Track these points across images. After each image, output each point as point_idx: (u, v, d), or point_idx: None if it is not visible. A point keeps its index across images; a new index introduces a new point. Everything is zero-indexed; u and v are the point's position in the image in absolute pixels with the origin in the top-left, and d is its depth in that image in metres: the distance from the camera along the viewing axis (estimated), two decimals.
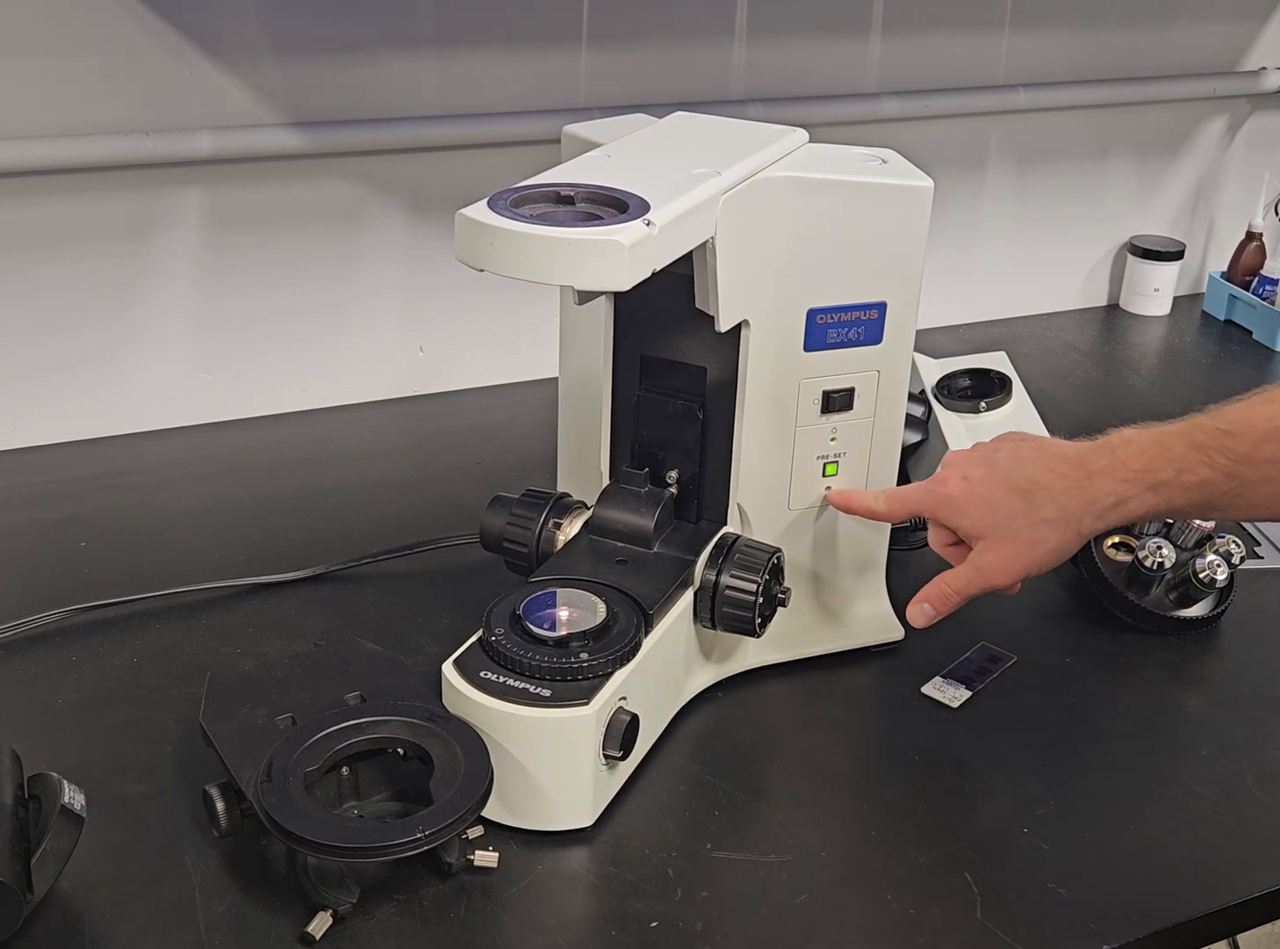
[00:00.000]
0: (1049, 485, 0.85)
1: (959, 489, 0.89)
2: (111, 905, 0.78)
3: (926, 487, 0.92)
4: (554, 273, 0.77)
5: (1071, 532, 0.85)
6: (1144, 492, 0.83)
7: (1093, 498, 0.84)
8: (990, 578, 0.88)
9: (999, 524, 0.86)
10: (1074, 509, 0.84)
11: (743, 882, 0.82)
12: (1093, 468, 0.85)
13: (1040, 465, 0.87)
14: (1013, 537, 0.86)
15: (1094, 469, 0.84)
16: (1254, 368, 1.62)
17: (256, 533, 1.17)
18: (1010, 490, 0.87)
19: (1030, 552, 0.86)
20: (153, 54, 1.22)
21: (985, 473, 0.89)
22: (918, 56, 1.54)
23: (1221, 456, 0.80)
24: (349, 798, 0.83)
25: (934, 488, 0.91)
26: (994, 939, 0.78)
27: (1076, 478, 0.85)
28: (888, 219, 0.92)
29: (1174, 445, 0.83)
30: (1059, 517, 0.85)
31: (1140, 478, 0.83)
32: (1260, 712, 0.99)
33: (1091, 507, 0.84)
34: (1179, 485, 0.82)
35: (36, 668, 0.98)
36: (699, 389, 0.96)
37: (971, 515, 0.88)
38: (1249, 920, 0.85)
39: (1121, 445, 0.85)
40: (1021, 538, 0.86)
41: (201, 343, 1.35)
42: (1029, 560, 0.86)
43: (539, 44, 1.36)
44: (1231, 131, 1.77)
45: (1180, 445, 0.83)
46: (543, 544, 0.98)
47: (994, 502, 0.87)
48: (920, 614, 0.91)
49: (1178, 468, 0.82)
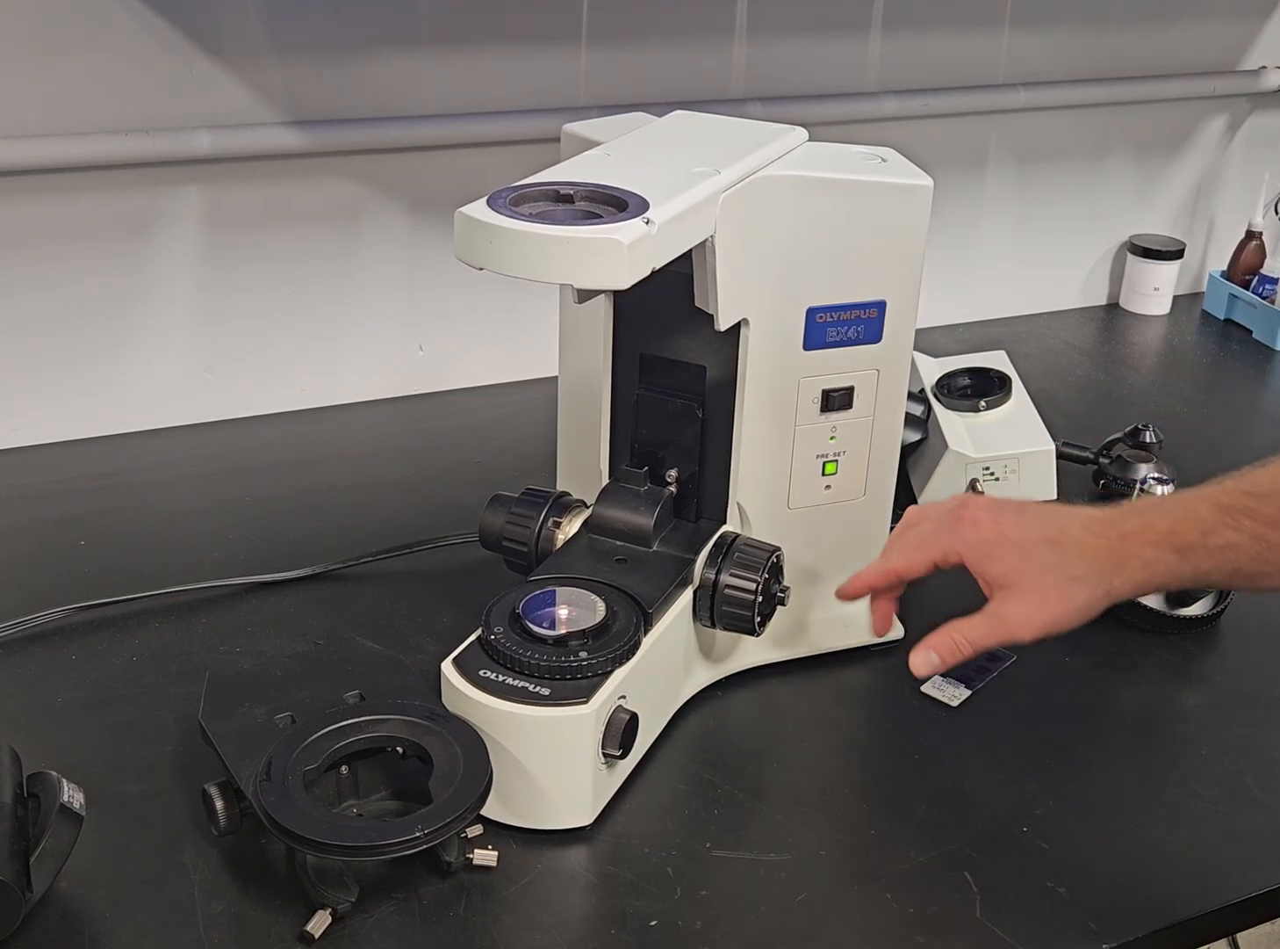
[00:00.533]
0: (1082, 541, 0.81)
1: (991, 532, 0.84)
2: (110, 904, 0.78)
3: (952, 528, 0.86)
4: (553, 271, 0.77)
5: (1101, 591, 0.81)
6: (1170, 554, 0.79)
7: (1124, 559, 0.80)
8: (1013, 630, 0.82)
9: (1030, 574, 0.81)
10: (1106, 569, 0.80)
11: (742, 880, 0.82)
12: (1124, 529, 0.81)
13: (1074, 521, 0.83)
14: (1042, 588, 0.81)
15: (1125, 531, 0.81)
16: (1254, 367, 1.62)
17: (256, 532, 1.17)
18: (1045, 541, 0.82)
19: (1058, 606, 0.81)
20: (153, 53, 1.22)
21: (1018, 519, 0.84)
22: (917, 55, 1.54)
23: (1248, 519, 0.77)
24: (348, 797, 0.83)
25: (964, 530, 0.85)
26: (993, 938, 0.78)
27: (1109, 538, 0.81)
28: (887, 218, 0.92)
29: (1199, 508, 0.79)
30: (1091, 574, 0.80)
31: (1167, 540, 0.79)
32: (1260, 711, 0.99)
33: (1123, 568, 0.80)
34: (1205, 549, 0.78)
35: (36, 667, 0.98)
36: (698, 388, 0.96)
37: (1004, 561, 0.82)
38: (1248, 919, 0.85)
39: (1149, 509, 0.82)
40: (1051, 591, 0.81)
41: (201, 342, 1.35)
42: (1055, 616, 0.81)
43: (539, 43, 1.36)
44: (1231, 130, 1.77)
45: (1206, 508, 0.79)
46: (542, 543, 0.98)
47: (1027, 549, 0.82)
48: (925, 663, 0.84)
49: (1203, 530, 0.78)
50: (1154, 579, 0.80)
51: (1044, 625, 0.81)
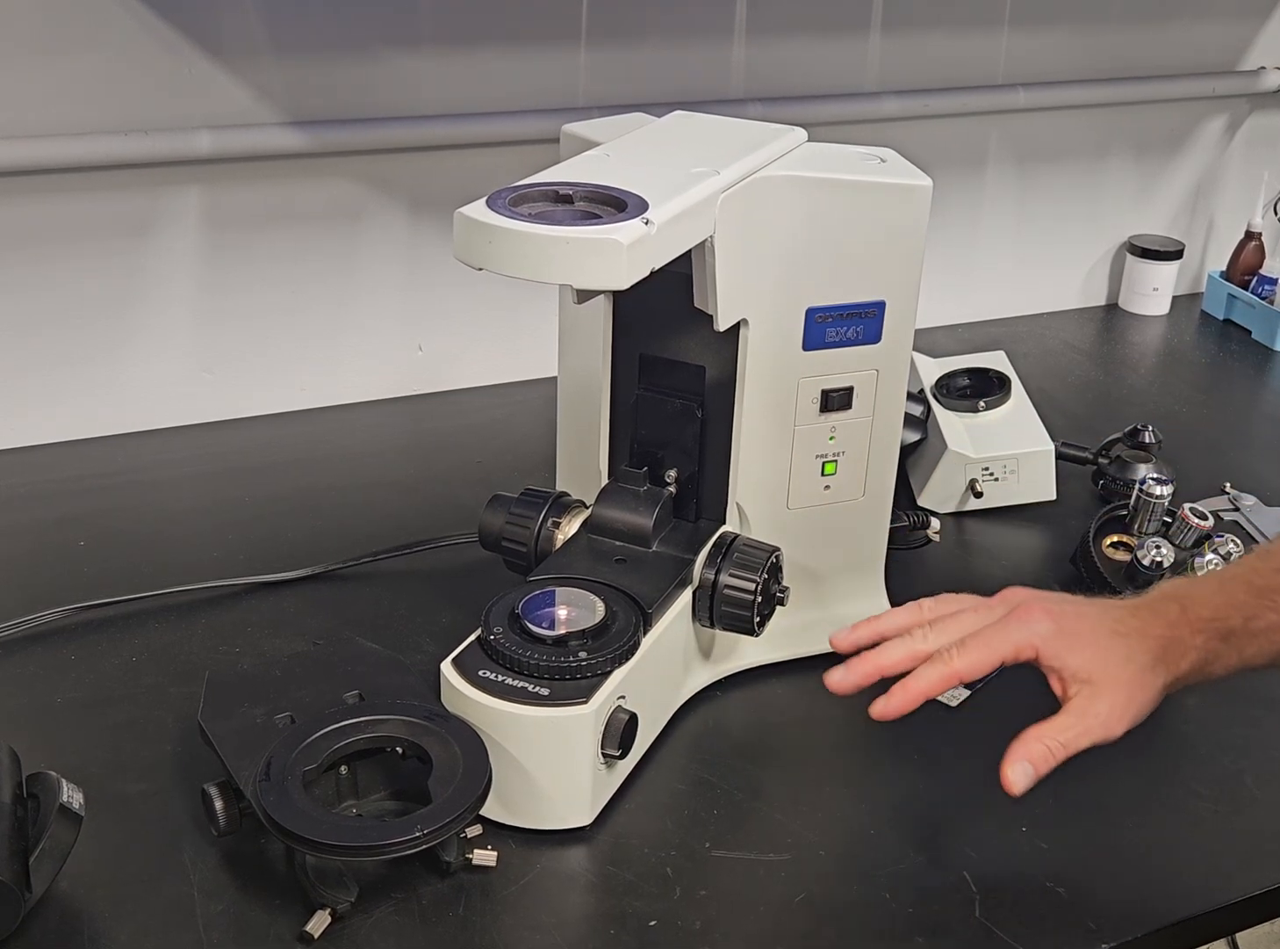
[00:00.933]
0: (1140, 632, 0.78)
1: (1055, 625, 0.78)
2: (110, 904, 0.78)
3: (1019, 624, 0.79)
4: (552, 272, 0.77)
5: (1171, 679, 0.78)
6: (1216, 641, 0.78)
7: (1181, 649, 0.78)
8: (1110, 728, 0.77)
9: (1111, 667, 0.77)
10: (1169, 657, 0.78)
11: (741, 880, 0.82)
12: (1169, 618, 0.79)
13: (1122, 612, 0.80)
14: (1127, 682, 0.77)
15: (1170, 619, 0.79)
16: (1253, 367, 1.62)
17: (256, 532, 1.17)
18: (1112, 633, 0.78)
19: (1142, 698, 0.77)
20: (152, 53, 1.22)
21: (1075, 611, 0.80)
22: (917, 56, 1.54)
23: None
24: (347, 797, 0.83)
25: (1032, 623, 0.79)
26: (993, 938, 0.78)
27: (1160, 627, 0.79)
28: (887, 218, 0.92)
29: (1236, 592, 0.78)
30: (1160, 664, 0.78)
31: (1211, 627, 0.78)
32: (1259, 711, 0.99)
33: (1183, 657, 0.78)
34: (1248, 633, 0.77)
35: (35, 667, 0.98)
36: (698, 388, 0.96)
37: (1082, 655, 0.77)
38: (1247, 919, 0.85)
39: (1185, 596, 0.80)
40: (1135, 683, 0.77)
41: (201, 342, 1.35)
42: (1141, 708, 0.77)
43: (538, 43, 1.36)
44: (1231, 131, 1.77)
45: (1243, 592, 0.78)
46: (541, 543, 0.98)
47: (1099, 642, 0.78)
48: (1023, 777, 0.77)
49: (1245, 615, 0.77)
50: (1205, 667, 0.78)
51: (1134, 719, 0.78)
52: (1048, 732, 0.76)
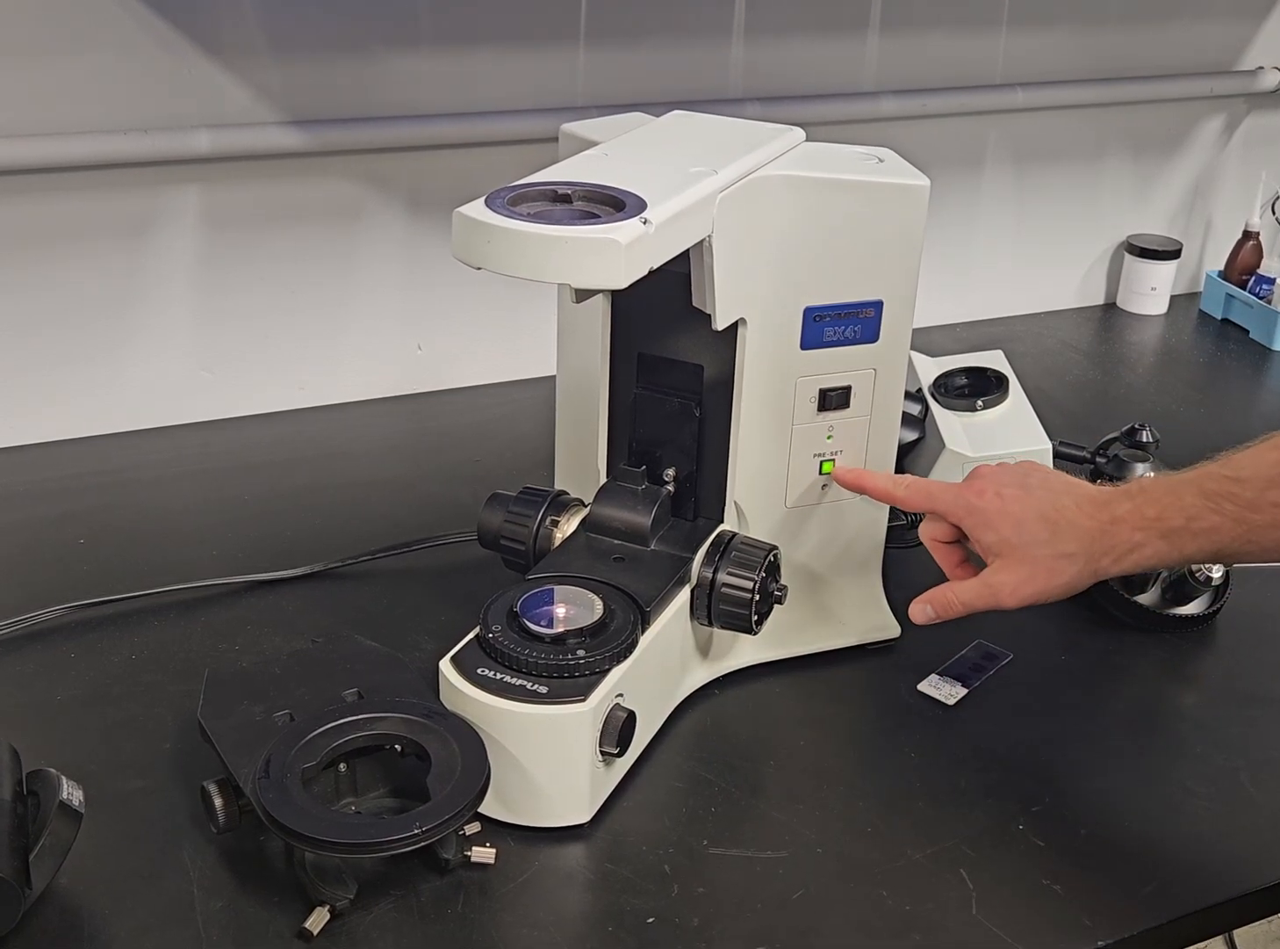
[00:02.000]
0: (1076, 522, 0.86)
1: (993, 504, 0.89)
2: (110, 901, 0.78)
3: (958, 491, 0.92)
4: (551, 271, 0.77)
5: (1088, 570, 0.86)
6: (1157, 539, 0.84)
7: (1113, 542, 0.85)
8: (1000, 597, 0.88)
9: (1022, 547, 0.87)
10: (1095, 549, 0.85)
11: (739, 878, 0.82)
12: (1116, 513, 0.85)
13: (1070, 501, 0.87)
14: (1032, 561, 0.86)
15: (1117, 514, 0.85)
16: (1250, 366, 1.63)
17: (255, 530, 1.17)
18: (1040, 518, 0.87)
19: (1045, 580, 0.86)
20: (151, 52, 1.22)
21: (1019, 494, 0.89)
22: (915, 55, 1.55)
23: (1229, 503, 0.81)
24: (346, 794, 0.83)
25: (967, 496, 0.91)
26: (989, 935, 0.78)
27: (1101, 520, 0.85)
28: (885, 218, 0.93)
29: (1185, 494, 0.83)
30: (1080, 553, 0.85)
31: (1154, 525, 0.84)
32: (1255, 710, 0.99)
33: (1111, 550, 0.85)
34: (1189, 532, 0.83)
35: (35, 665, 0.99)
36: (696, 387, 0.96)
37: (999, 532, 0.88)
38: (1244, 917, 0.85)
39: (1139, 493, 0.86)
40: (1041, 565, 0.86)
41: (200, 341, 1.35)
42: (1041, 588, 0.87)
43: (537, 43, 1.37)
44: (1229, 131, 1.78)
45: (1190, 494, 0.83)
46: (540, 542, 0.98)
47: (1023, 524, 0.87)
48: (920, 613, 0.91)
49: (1188, 515, 0.82)
50: (1141, 562, 0.85)
51: (1028, 597, 0.87)
52: (953, 587, 0.90)
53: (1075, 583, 0.86)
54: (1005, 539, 0.87)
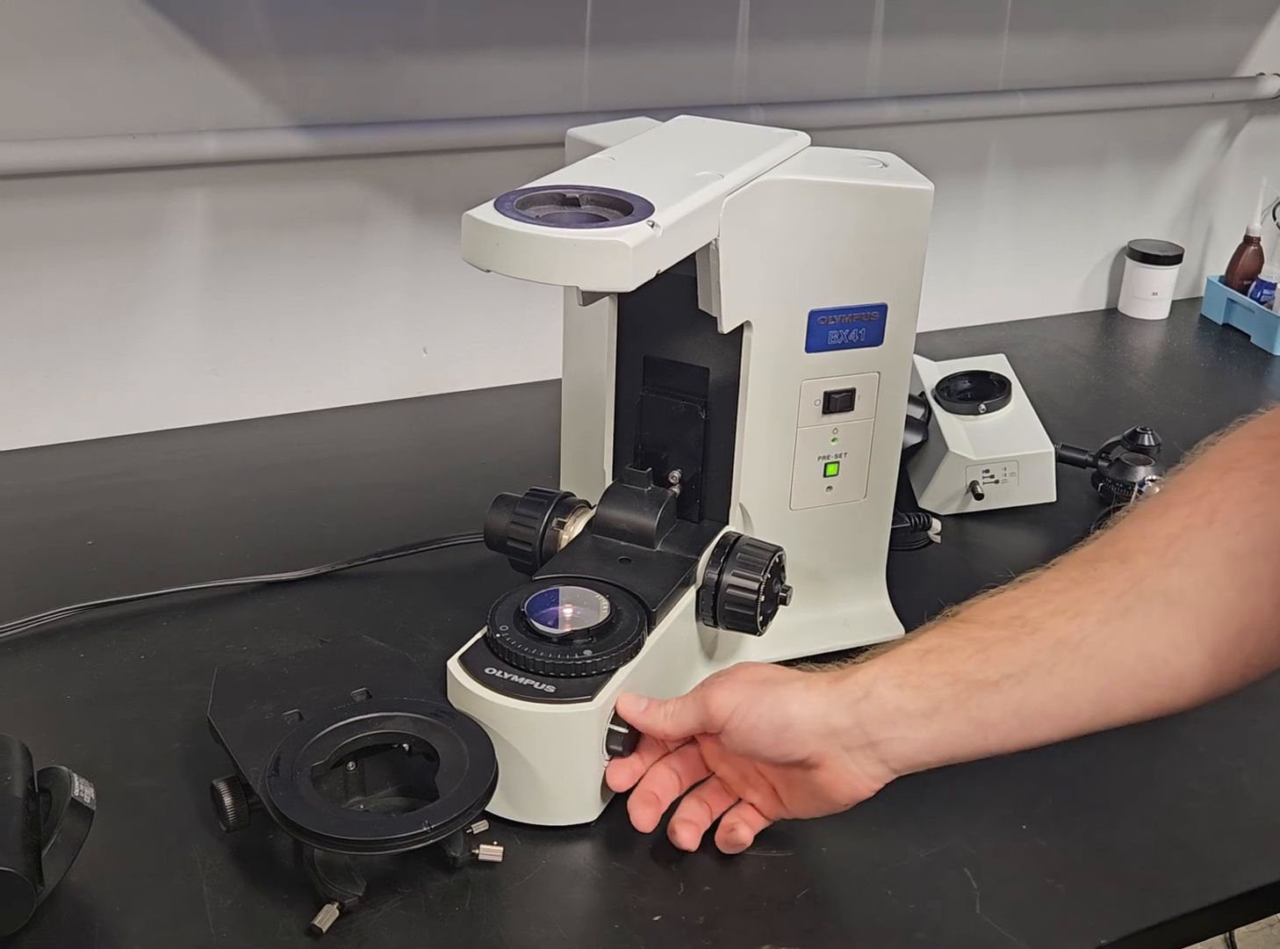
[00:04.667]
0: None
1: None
2: (120, 898, 0.79)
3: None
4: (559, 273, 0.77)
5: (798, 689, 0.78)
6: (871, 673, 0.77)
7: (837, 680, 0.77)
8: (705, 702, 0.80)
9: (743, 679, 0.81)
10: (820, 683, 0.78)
11: (744, 877, 0.83)
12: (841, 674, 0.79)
13: None
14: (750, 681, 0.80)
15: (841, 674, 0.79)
16: (1252, 371, 1.63)
17: (262, 532, 1.18)
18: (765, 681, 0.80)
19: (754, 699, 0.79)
20: (159, 56, 1.23)
21: None
22: (918, 61, 1.55)
23: (960, 624, 0.76)
24: (355, 793, 0.84)
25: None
26: (993, 934, 0.79)
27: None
28: (888, 222, 0.93)
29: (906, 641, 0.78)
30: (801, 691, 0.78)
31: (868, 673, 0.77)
32: (1257, 710, 0.99)
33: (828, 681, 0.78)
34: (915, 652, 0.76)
35: (45, 665, 0.99)
36: (701, 389, 0.97)
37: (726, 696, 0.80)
38: (1245, 916, 0.86)
39: None
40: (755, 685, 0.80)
41: (208, 344, 1.36)
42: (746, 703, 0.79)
43: (543, 48, 1.37)
44: (1230, 136, 1.78)
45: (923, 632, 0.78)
46: (546, 543, 0.99)
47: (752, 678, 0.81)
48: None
49: (915, 637, 0.77)
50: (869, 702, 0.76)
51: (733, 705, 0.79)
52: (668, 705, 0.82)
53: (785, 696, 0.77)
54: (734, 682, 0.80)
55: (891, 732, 0.75)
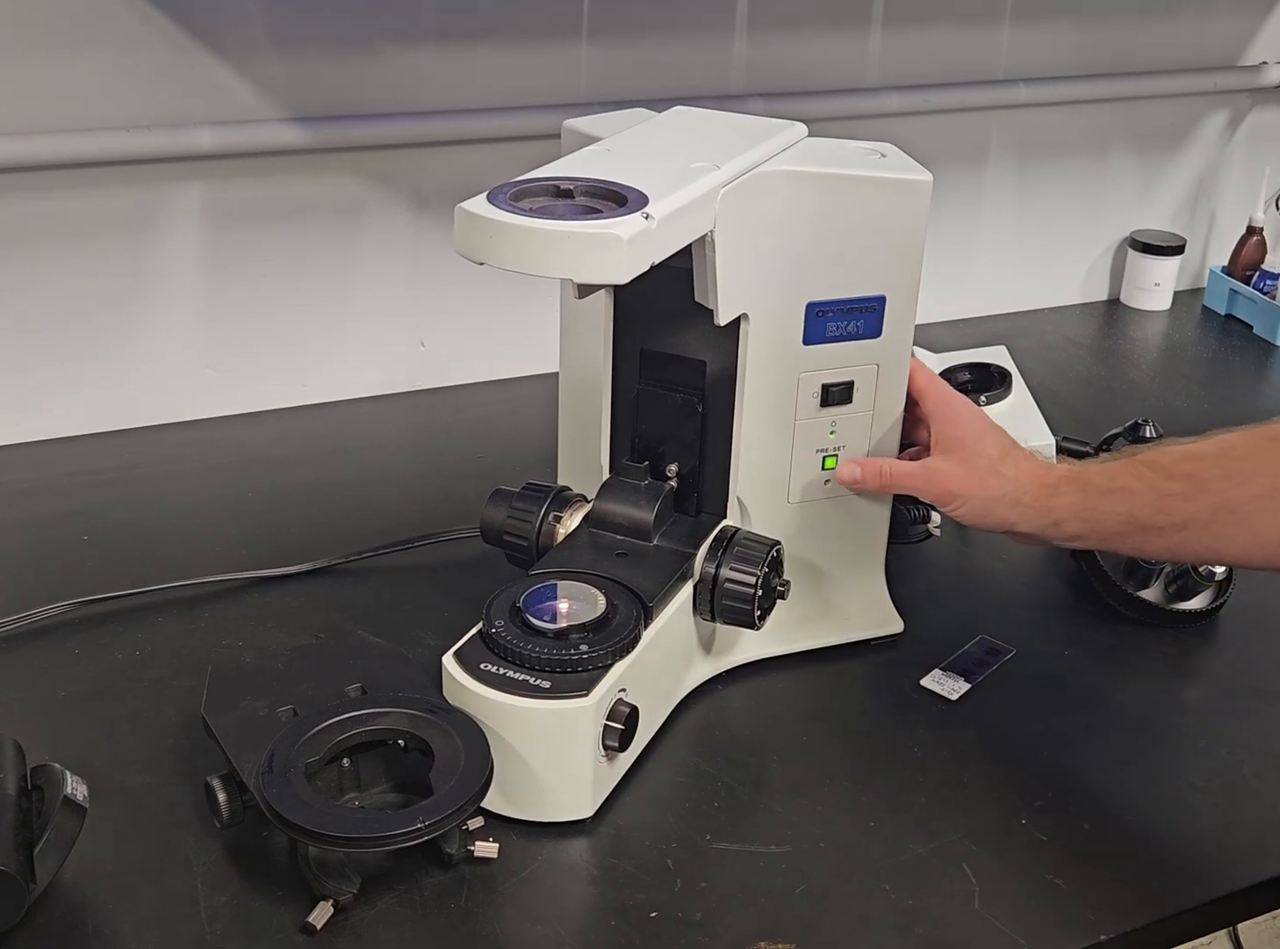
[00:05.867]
0: (1022, 460, 0.94)
1: (966, 408, 0.97)
2: (114, 896, 0.79)
3: (944, 384, 0.99)
4: (552, 266, 0.77)
5: (1011, 498, 0.91)
6: (1075, 490, 0.89)
7: (1039, 483, 0.91)
8: (931, 481, 0.94)
9: (970, 452, 0.94)
10: (1024, 484, 0.91)
11: (742, 872, 0.82)
12: (1054, 466, 0.94)
13: (1025, 451, 0.96)
14: (971, 466, 0.93)
15: (1053, 466, 0.94)
16: (1254, 362, 1.63)
17: (258, 527, 1.17)
18: (998, 441, 0.95)
19: (974, 485, 0.93)
20: (155, 49, 1.22)
21: (989, 419, 0.97)
22: (918, 51, 1.55)
23: (1148, 470, 0.86)
24: (350, 789, 0.83)
25: (949, 390, 0.99)
26: (992, 930, 0.79)
27: (1040, 467, 0.94)
28: (887, 213, 0.93)
29: (1114, 459, 0.91)
30: (1011, 480, 0.92)
31: (1077, 476, 0.90)
32: (1258, 703, 0.99)
33: (1035, 489, 0.91)
34: (1104, 490, 0.88)
35: (39, 660, 0.99)
36: (698, 382, 0.96)
37: (958, 431, 0.95)
38: (1247, 911, 0.85)
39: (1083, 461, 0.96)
40: (976, 473, 0.93)
41: (204, 338, 1.35)
42: (966, 489, 0.93)
43: (539, 39, 1.37)
44: (1232, 126, 1.77)
45: (1120, 459, 0.90)
46: (543, 537, 0.98)
47: (982, 437, 0.95)
48: (848, 472, 0.97)
49: (1109, 474, 0.89)
50: (1056, 512, 0.90)
51: (955, 494, 0.93)
52: (892, 462, 0.97)
53: (995, 506, 0.92)
54: (960, 439, 0.94)
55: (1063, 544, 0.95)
